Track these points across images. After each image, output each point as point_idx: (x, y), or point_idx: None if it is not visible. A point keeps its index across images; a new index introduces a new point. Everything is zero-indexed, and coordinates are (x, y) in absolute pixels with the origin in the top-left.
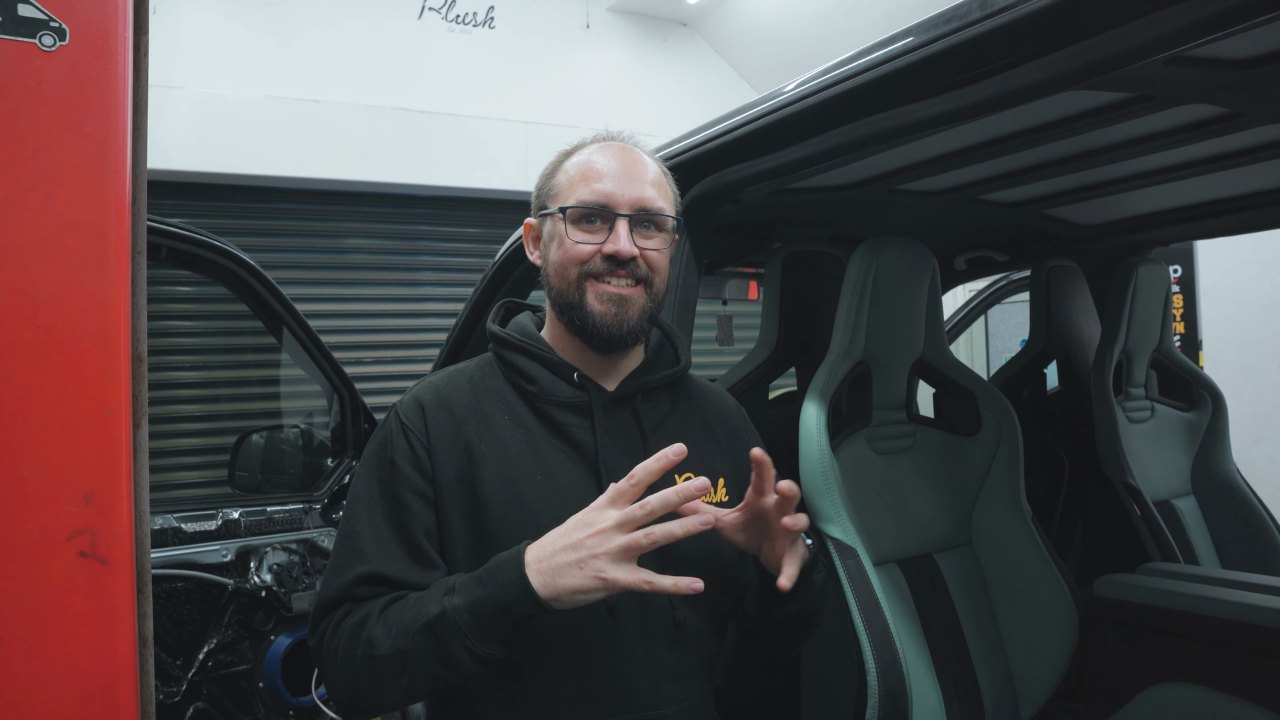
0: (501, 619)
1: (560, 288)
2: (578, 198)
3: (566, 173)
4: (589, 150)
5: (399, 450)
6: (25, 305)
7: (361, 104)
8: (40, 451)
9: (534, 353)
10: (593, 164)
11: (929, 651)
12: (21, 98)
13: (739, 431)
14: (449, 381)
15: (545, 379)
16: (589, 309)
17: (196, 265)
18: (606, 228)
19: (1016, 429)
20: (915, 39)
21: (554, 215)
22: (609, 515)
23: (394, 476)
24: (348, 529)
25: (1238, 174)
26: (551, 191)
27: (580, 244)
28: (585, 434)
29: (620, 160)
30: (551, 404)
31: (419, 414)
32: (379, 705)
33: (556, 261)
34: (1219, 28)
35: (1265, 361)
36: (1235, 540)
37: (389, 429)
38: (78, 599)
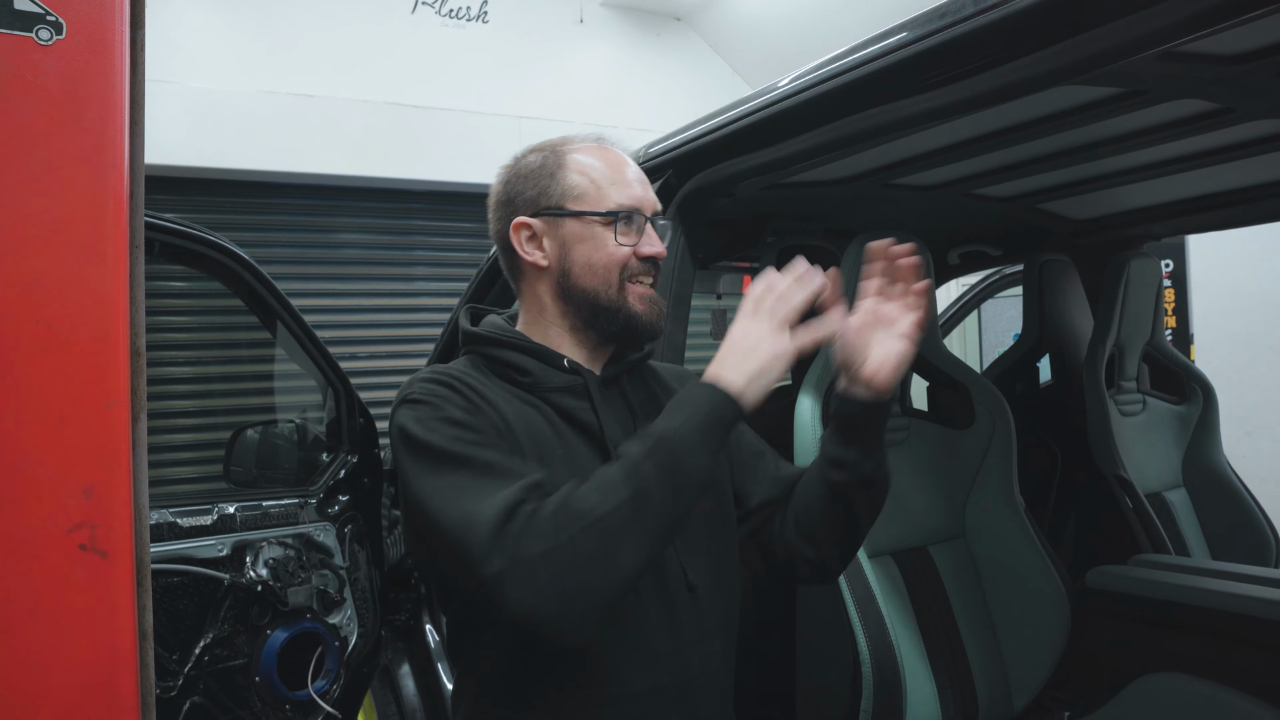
0: (715, 429)
1: (597, 289)
2: (618, 201)
3: (585, 174)
4: (594, 153)
5: (452, 408)
6: (25, 300)
7: (355, 99)
8: (40, 445)
9: (522, 346)
10: (618, 167)
11: (923, 642)
12: (18, 92)
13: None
14: (447, 370)
15: (538, 369)
16: (633, 311)
17: (191, 260)
18: (633, 230)
19: (1010, 422)
20: (910, 34)
21: (583, 218)
22: (764, 311)
23: (464, 424)
24: (452, 496)
25: (1229, 169)
26: (570, 192)
27: (624, 246)
28: (587, 415)
29: (634, 165)
30: (549, 390)
31: (443, 385)
32: (612, 578)
33: (596, 263)
34: (1210, 23)
35: (1256, 355)
36: (1225, 532)
37: (420, 406)
38: (78, 592)
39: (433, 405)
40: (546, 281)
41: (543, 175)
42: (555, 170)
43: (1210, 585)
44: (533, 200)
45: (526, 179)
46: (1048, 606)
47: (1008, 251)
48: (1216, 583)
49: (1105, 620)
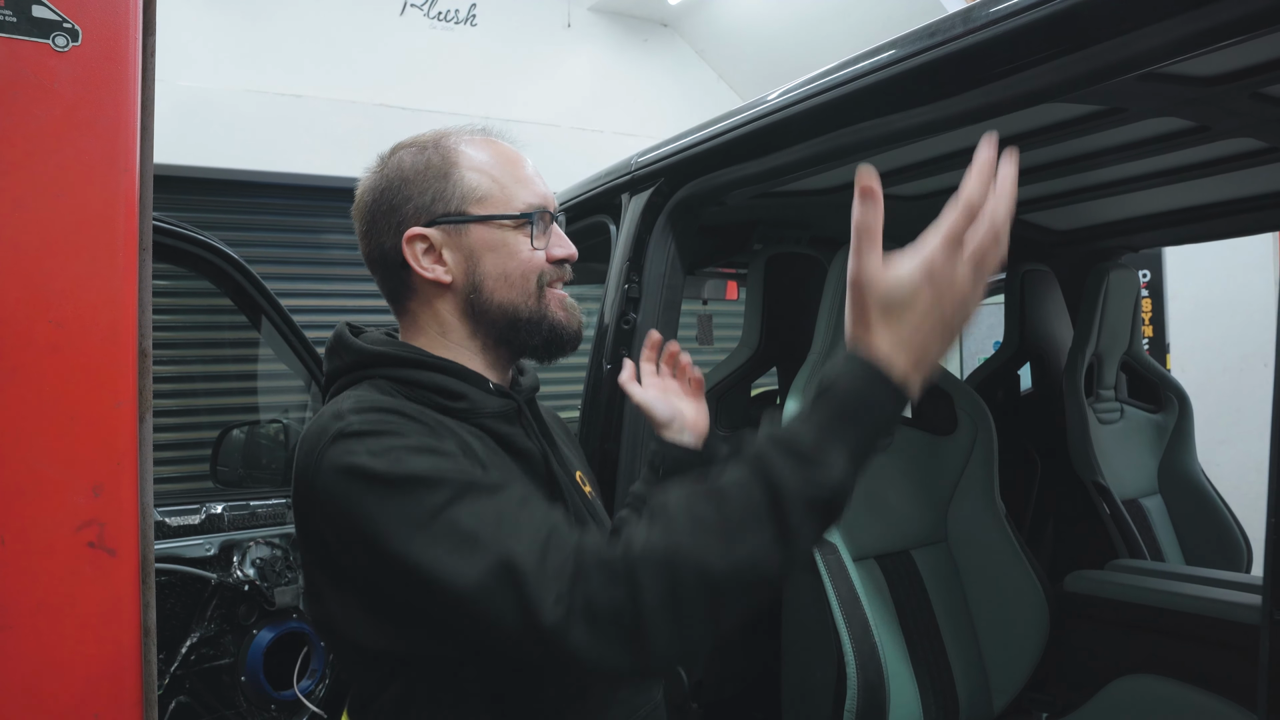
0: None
1: (515, 301)
2: (527, 201)
3: (484, 172)
4: (486, 147)
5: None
6: (38, 300)
7: (343, 99)
8: (51, 443)
9: (448, 367)
10: (519, 165)
11: (906, 645)
12: (35, 97)
13: (574, 434)
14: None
15: (472, 393)
16: (556, 319)
17: (179, 259)
18: (542, 230)
19: (992, 429)
20: (901, 51)
21: (488, 223)
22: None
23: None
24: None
25: (1205, 184)
26: (471, 195)
27: (538, 251)
28: (525, 441)
29: (526, 159)
30: (486, 417)
31: (388, 412)
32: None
33: (512, 273)
34: (1190, 48)
35: (1229, 365)
36: (1199, 538)
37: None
38: (85, 588)
39: (387, 435)
40: (450, 299)
41: (433, 177)
42: (448, 170)
43: (1185, 590)
44: (425, 207)
45: (412, 183)
46: (1027, 610)
47: None
48: (1191, 587)
49: (1083, 623)
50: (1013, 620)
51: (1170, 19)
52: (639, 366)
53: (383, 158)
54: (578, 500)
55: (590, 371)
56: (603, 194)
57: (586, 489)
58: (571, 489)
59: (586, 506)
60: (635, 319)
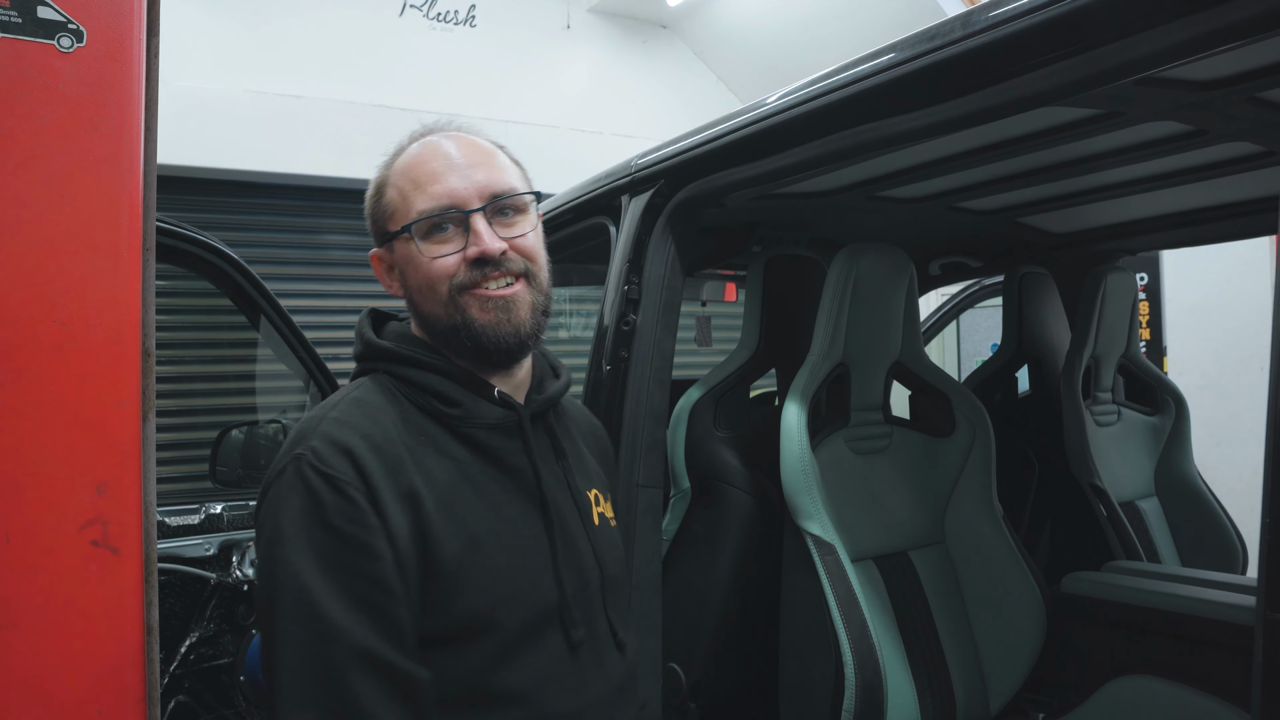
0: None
1: (435, 312)
2: (418, 209)
3: (396, 186)
4: (412, 152)
5: (334, 511)
6: (42, 300)
7: (342, 100)
8: (55, 442)
9: (446, 369)
10: (423, 165)
11: (903, 645)
12: (40, 98)
13: (609, 452)
14: (360, 415)
15: (469, 400)
16: (475, 324)
17: (179, 259)
18: (462, 230)
19: (989, 431)
20: (901, 55)
21: (400, 238)
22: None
23: (342, 545)
24: (324, 659)
25: (1202, 187)
26: (388, 212)
27: (439, 259)
28: (519, 458)
29: (454, 151)
30: (479, 428)
31: (345, 459)
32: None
33: (421, 286)
34: (1188, 52)
35: (1225, 368)
36: (1195, 539)
37: (308, 487)
38: (89, 587)
39: (304, 509)
40: (414, 314)
41: (374, 200)
42: (381, 191)
43: (1181, 591)
44: (375, 231)
45: (368, 205)
46: (1024, 611)
47: (987, 263)
48: (1187, 589)
49: (1080, 624)
50: (1010, 621)
51: (1169, 24)
52: None
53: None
54: (573, 524)
55: (590, 372)
56: (602, 195)
57: (602, 509)
58: (568, 511)
59: (589, 532)
60: (635, 320)
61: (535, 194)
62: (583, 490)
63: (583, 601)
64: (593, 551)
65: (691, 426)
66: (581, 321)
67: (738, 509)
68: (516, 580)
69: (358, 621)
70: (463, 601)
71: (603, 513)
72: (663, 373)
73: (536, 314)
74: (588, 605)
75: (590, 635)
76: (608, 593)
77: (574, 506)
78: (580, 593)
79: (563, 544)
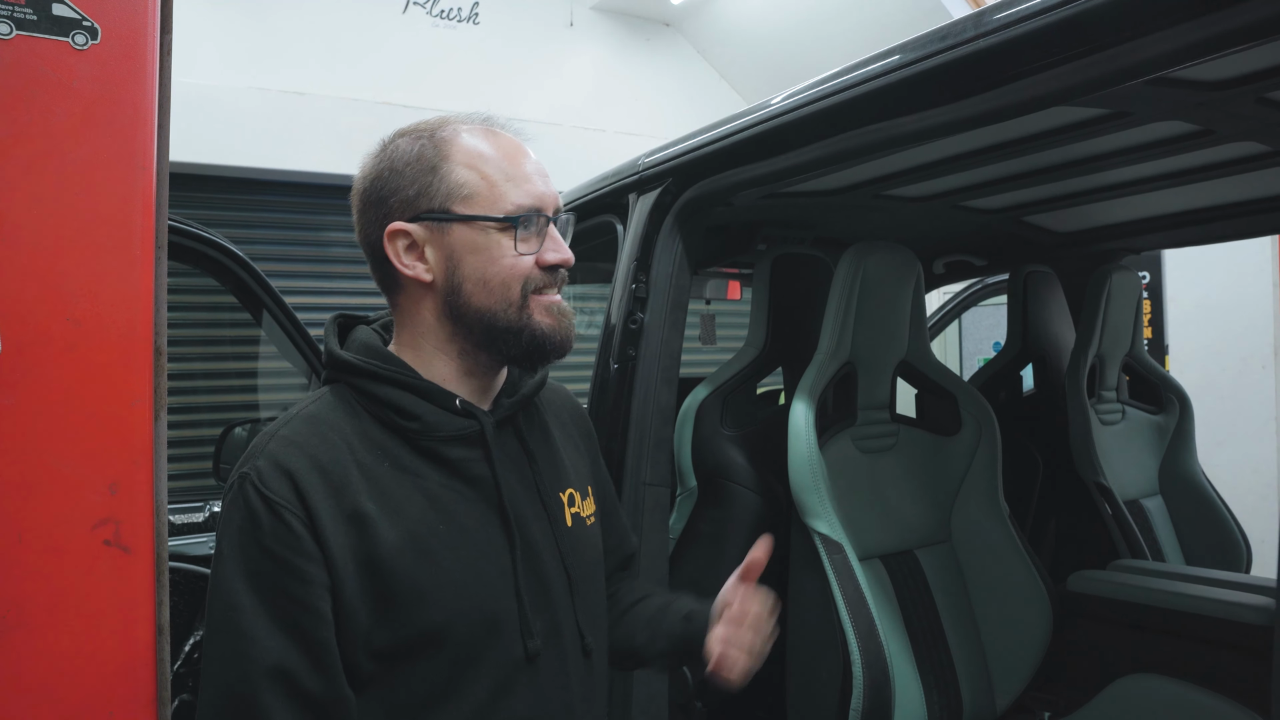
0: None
1: (494, 308)
2: (516, 202)
3: (475, 168)
4: (484, 139)
5: (269, 533)
6: (55, 298)
7: (345, 97)
8: (67, 441)
9: (408, 383)
10: (515, 160)
11: (910, 644)
12: (54, 95)
13: (588, 427)
14: (311, 432)
15: (429, 413)
16: (540, 328)
17: (183, 256)
18: (534, 234)
19: (996, 430)
20: (912, 54)
21: (474, 224)
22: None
23: (274, 567)
24: (241, 670)
25: (1208, 187)
26: (458, 191)
27: (525, 256)
28: (480, 467)
29: (530, 153)
30: (439, 440)
31: (285, 482)
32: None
33: (492, 278)
34: (1198, 54)
35: (1227, 367)
36: (1199, 538)
37: (248, 507)
38: (101, 586)
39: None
40: (431, 300)
41: (422, 170)
42: (438, 163)
43: (1186, 590)
44: (410, 201)
45: (401, 174)
46: (1030, 610)
47: (992, 262)
48: (1193, 588)
49: (1086, 623)
50: (1016, 620)
51: (1180, 25)
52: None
53: (383, 143)
54: (538, 532)
55: (597, 371)
56: (610, 194)
57: (577, 508)
58: (534, 518)
59: (558, 536)
60: (642, 319)
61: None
62: (554, 493)
63: (544, 610)
64: (560, 556)
65: (698, 425)
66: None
67: (744, 508)
68: (473, 593)
69: (279, 643)
70: (417, 616)
71: (577, 513)
72: (670, 371)
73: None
74: (550, 613)
75: (553, 644)
76: (577, 595)
77: (542, 512)
78: (541, 600)
79: (524, 553)
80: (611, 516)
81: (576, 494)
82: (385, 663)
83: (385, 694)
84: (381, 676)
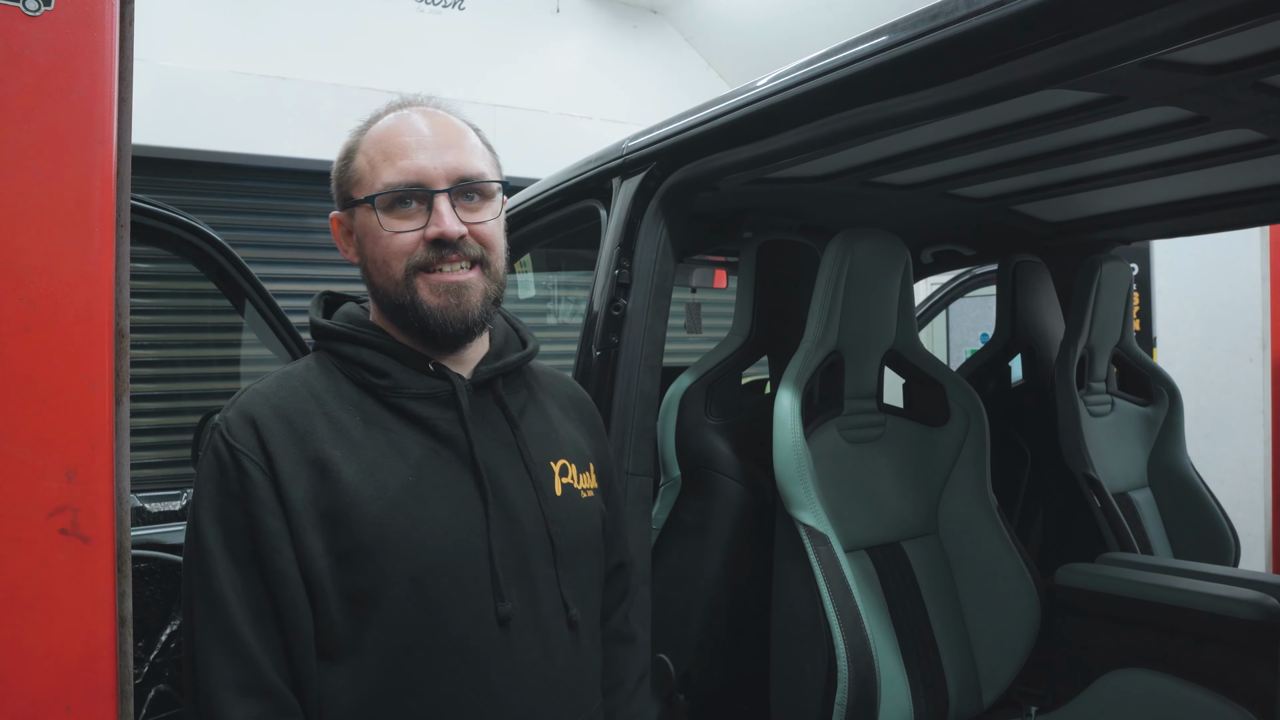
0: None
1: (386, 287)
2: (385, 181)
3: (365, 154)
4: (386, 123)
5: (233, 479)
6: (8, 276)
7: (328, 82)
8: (22, 426)
9: (377, 343)
10: (395, 138)
11: (896, 637)
12: (4, 63)
13: (596, 423)
14: (280, 387)
15: (398, 371)
16: (424, 305)
17: (162, 241)
18: (425, 209)
19: (984, 421)
20: (901, 34)
21: (363, 206)
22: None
23: (237, 513)
24: (209, 594)
25: (1201, 176)
26: (354, 179)
27: (400, 234)
28: (453, 426)
29: (427, 128)
30: (409, 398)
31: (249, 430)
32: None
33: (377, 259)
34: (1197, 33)
35: (1215, 359)
36: (1187, 531)
37: (216, 454)
38: (58, 577)
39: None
40: (366, 282)
41: (344, 162)
42: (350, 156)
43: (1175, 583)
44: (338, 192)
45: (338, 166)
46: (1018, 603)
47: (981, 252)
48: (1180, 581)
49: (1074, 617)
50: (1003, 613)
51: (1175, 4)
52: None
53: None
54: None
55: (579, 358)
56: (593, 178)
57: (570, 479)
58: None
59: (542, 501)
60: (626, 305)
61: (503, 183)
62: (542, 460)
63: (521, 576)
64: (543, 521)
65: (682, 414)
66: (570, 308)
67: (729, 498)
68: (439, 545)
69: (239, 572)
70: (380, 563)
71: (570, 483)
72: (654, 359)
73: (487, 302)
74: (528, 581)
75: (530, 613)
76: (561, 566)
77: (525, 478)
78: (518, 565)
79: (499, 515)
80: (609, 521)
81: (571, 466)
82: (353, 618)
83: (355, 661)
84: (351, 637)
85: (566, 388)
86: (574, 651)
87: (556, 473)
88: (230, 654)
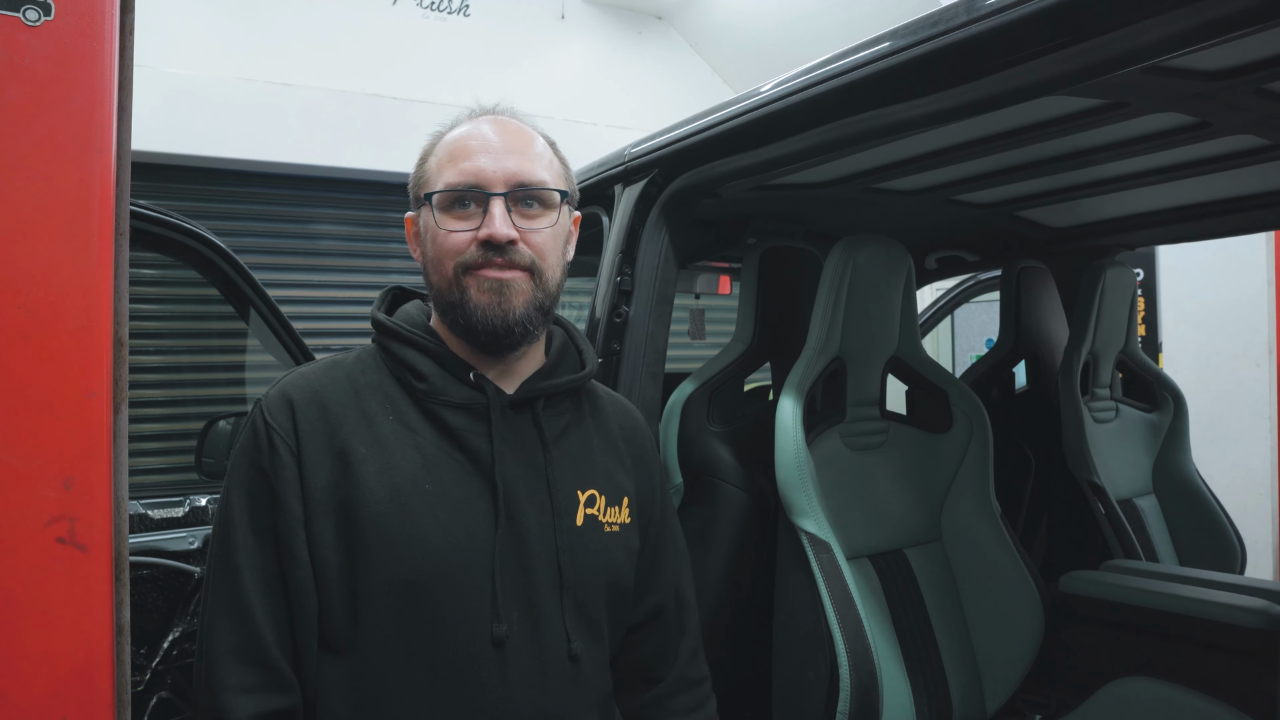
0: None
1: (439, 285)
2: (445, 180)
3: (436, 156)
4: (459, 128)
5: (265, 455)
6: (6, 285)
7: (334, 89)
8: (20, 435)
9: (425, 346)
10: (463, 142)
11: (899, 645)
12: (4, 74)
13: (646, 453)
14: (325, 374)
15: (437, 376)
16: (470, 302)
17: (166, 248)
18: (481, 211)
19: (987, 427)
20: (903, 41)
21: (426, 206)
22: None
23: (263, 488)
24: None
25: (1204, 181)
26: (422, 180)
27: (453, 233)
28: (481, 441)
29: (494, 133)
30: (443, 405)
31: (286, 411)
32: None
33: (432, 256)
34: (1198, 40)
35: (1220, 365)
36: (1193, 538)
37: (254, 429)
38: (55, 586)
39: (244, 448)
40: (425, 280)
41: (417, 166)
42: (424, 159)
43: (1182, 592)
44: (411, 194)
45: (413, 171)
46: (1022, 610)
47: (985, 257)
48: (1188, 589)
49: (1078, 625)
50: (1007, 621)
51: (1177, 9)
52: None
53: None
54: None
55: None
56: (595, 185)
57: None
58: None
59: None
60: (627, 312)
61: (563, 193)
62: (568, 487)
63: (523, 601)
64: (555, 549)
65: (684, 421)
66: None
67: (731, 505)
68: (443, 556)
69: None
70: (383, 565)
71: (594, 515)
72: (655, 366)
73: (531, 308)
74: (531, 607)
75: (529, 640)
76: (567, 596)
77: (546, 503)
78: (521, 590)
79: (508, 533)
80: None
81: (601, 497)
82: (352, 615)
83: (354, 659)
84: (349, 633)
85: (622, 416)
86: (573, 685)
87: (582, 502)
88: (236, 622)
